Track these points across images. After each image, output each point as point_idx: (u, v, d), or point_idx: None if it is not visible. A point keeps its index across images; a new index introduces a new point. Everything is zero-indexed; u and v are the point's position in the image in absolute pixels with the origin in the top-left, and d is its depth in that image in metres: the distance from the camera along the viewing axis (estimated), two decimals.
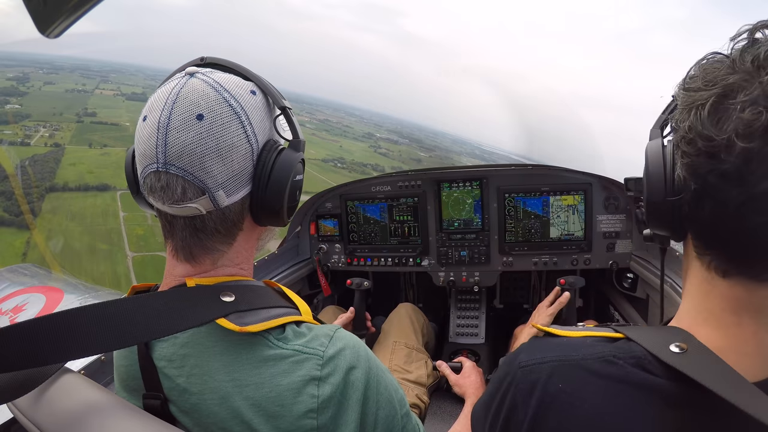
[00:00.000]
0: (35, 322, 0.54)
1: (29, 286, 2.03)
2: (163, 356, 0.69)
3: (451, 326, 2.31)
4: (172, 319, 0.62)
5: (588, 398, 0.56)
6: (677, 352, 0.54)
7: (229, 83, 0.70)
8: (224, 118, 0.67)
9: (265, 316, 0.68)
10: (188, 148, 0.65)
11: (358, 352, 0.71)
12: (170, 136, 0.65)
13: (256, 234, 0.78)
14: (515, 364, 0.65)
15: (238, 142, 0.68)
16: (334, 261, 2.34)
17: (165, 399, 0.69)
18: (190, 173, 0.65)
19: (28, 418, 0.68)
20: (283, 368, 0.66)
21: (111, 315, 0.58)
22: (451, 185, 2.13)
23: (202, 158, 0.65)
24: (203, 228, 0.70)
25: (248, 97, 0.71)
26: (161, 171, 0.65)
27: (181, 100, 0.66)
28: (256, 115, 0.71)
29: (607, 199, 1.99)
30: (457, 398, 1.59)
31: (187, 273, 0.72)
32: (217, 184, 0.67)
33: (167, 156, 0.65)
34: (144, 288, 0.79)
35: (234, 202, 0.70)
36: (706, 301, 0.57)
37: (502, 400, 0.65)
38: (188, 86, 0.67)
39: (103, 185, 23.63)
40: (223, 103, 0.67)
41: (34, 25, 0.82)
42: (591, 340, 0.63)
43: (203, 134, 0.65)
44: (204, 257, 0.72)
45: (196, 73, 0.69)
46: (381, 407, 0.72)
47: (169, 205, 0.67)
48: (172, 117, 0.65)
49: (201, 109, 0.66)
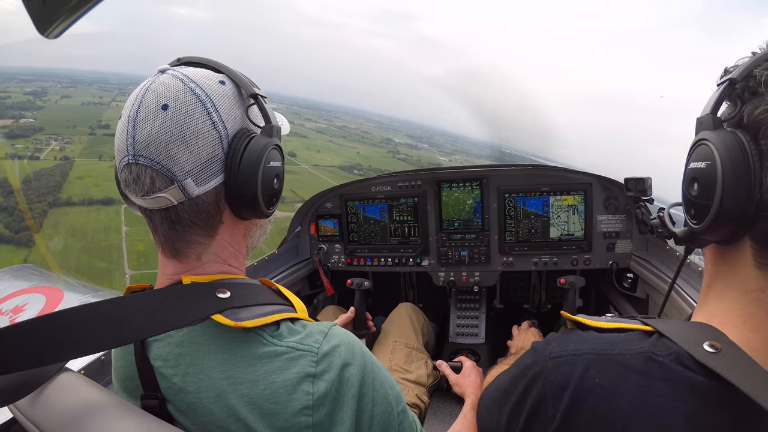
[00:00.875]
0: (32, 323, 0.54)
1: (29, 286, 2.03)
2: (158, 356, 0.69)
3: (451, 326, 2.31)
4: (169, 316, 0.62)
5: (626, 395, 0.55)
6: (711, 352, 0.53)
7: (197, 75, 0.71)
8: (188, 106, 0.67)
9: (260, 313, 0.69)
10: (154, 137, 0.65)
11: (352, 349, 0.71)
12: (138, 128, 0.66)
13: (241, 229, 0.78)
14: (545, 354, 0.63)
15: (203, 128, 0.67)
16: (334, 261, 2.34)
17: (162, 399, 0.69)
18: (156, 162, 0.66)
19: (27, 418, 0.68)
20: (278, 365, 0.66)
21: (108, 314, 0.58)
22: (451, 185, 2.13)
23: (168, 146, 0.65)
24: (178, 220, 0.70)
25: (215, 87, 0.71)
26: (131, 163, 0.66)
27: (149, 93, 0.67)
28: (223, 103, 0.71)
29: (607, 199, 1.99)
30: (457, 398, 1.59)
31: (176, 270, 0.72)
32: (184, 172, 0.66)
33: (136, 147, 0.66)
34: (138, 289, 0.79)
35: (206, 192, 0.69)
36: (753, 306, 0.56)
37: (526, 390, 0.63)
38: (157, 81, 0.69)
39: (108, 199, 23.41)
40: (188, 92, 0.68)
41: (34, 26, 0.82)
42: (625, 335, 0.61)
43: (167, 123, 0.66)
44: (187, 251, 0.72)
45: (167, 70, 0.71)
46: (377, 404, 0.72)
47: (141, 197, 0.68)
48: (140, 110, 0.66)
49: (166, 99, 0.67)
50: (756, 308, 0.55)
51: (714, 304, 0.61)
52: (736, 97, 0.57)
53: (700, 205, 0.57)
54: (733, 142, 0.54)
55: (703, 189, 0.57)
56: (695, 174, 0.59)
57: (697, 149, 0.59)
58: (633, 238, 1.99)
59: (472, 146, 54.83)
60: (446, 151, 52.54)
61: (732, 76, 0.57)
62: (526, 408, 0.62)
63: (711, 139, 0.57)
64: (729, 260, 0.59)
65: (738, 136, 0.54)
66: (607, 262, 2.02)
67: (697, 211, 0.58)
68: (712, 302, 0.61)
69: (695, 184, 0.59)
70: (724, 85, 0.58)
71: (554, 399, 0.59)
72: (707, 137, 0.57)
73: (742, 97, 0.56)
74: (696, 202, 0.58)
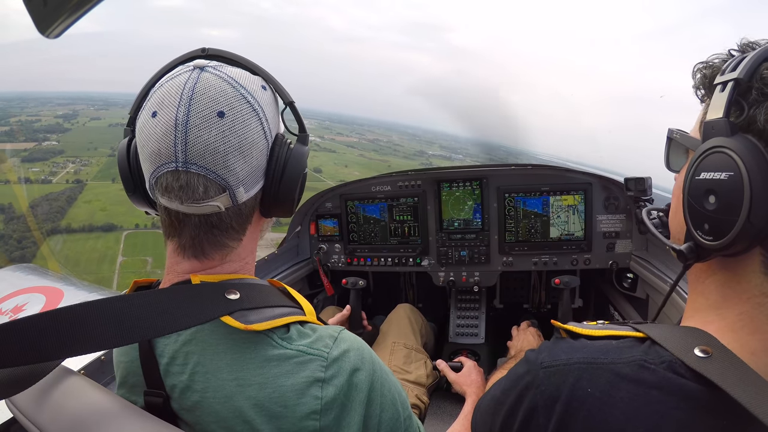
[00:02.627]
0: (38, 318, 0.54)
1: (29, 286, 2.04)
2: (165, 353, 0.69)
3: (451, 326, 2.31)
4: (177, 316, 0.61)
5: (619, 404, 0.54)
6: (702, 357, 0.52)
7: (243, 78, 0.69)
8: (245, 115, 0.66)
9: (270, 315, 0.68)
10: (211, 147, 0.63)
11: (362, 354, 0.70)
12: (191, 134, 0.63)
13: (260, 226, 0.79)
14: (537, 364, 0.62)
15: (257, 138, 0.68)
16: (334, 261, 2.34)
17: (167, 396, 0.69)
18: (212, 171, 0.64)
19: (27, 418, 0.67)
20: (287, 369, 0.65)
21: (116, 311, 0.58)
22: (451, 185, 2.13)
23: (226, 156, 0.64)
24: (219, 224, 0.69)
25: (261, 93, 0.71)
26: (181, 170, 0.64)
27: (198, 96, 0.64)
28: (269, 110, 0.71)
29: (607, 199, 1.99)
30: (457, 398, 1.59)
31: (192, 269, 0.71)
32: (238, 181, 0.67)
33: (188, 155, 0.63)
34: (146, 283, 0.79)
35: (250, 198, 0.70)
36: (755, 310, 0.55)
37: (518, 400, 0.62)
38: (202, 81, 0.65)
39: (109, 225, 22.82)
40: (241, 99, 0.67)
41: (34, 26, 0.82)
42: (617, 342, 0.60)
43: (225, 132, 0.64)
44: (214, 253, 0.71)
45: (207, 67, 0.68)
46: (385, 410, 0.72)
47: (188, 204, 0.66)
48: (191, 114, 0.63)
49: (221, 106, 0.65)
50: (757, 312, 0.55)
51: (708, 310, 0.60)
52: (740, 100, 0.54)
53: (720, 220, 0.53)
54: (757, 151, 0.51)
55: (725, 203, 0.53)
56: (712, 185, 0.54)
57: (711, 157, 0.55)
58: (633, 238, 1.99)
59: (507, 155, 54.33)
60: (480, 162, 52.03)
61: (737, 76, 0.53)
62: (518, 418, 0.62)
63: (732, 147, 0.52)
64: (732, 269, 0.57)
65: (756, 144, 0.51)
66: (607, 262, 2.02)
67: (714, 227, 0.54)
68: (705, 308, 0.60)
69: (712, 196, 0.54)
70: (731, 86, 0.54)
71: (546, 409, 0.58)
72: (726, 144, 0.53)
73: (748, 99, 0.54)
74: (713, 217, 0.54)
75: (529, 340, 1.74)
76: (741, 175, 0.51)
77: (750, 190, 0.50)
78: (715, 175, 0.54)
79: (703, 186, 0.56)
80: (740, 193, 0.51)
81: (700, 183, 0.56)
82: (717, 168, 0.54)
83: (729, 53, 0.60)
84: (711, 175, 0.55)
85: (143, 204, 0.77)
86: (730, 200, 0.52)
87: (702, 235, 0.56)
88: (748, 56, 0.54)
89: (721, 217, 0.53)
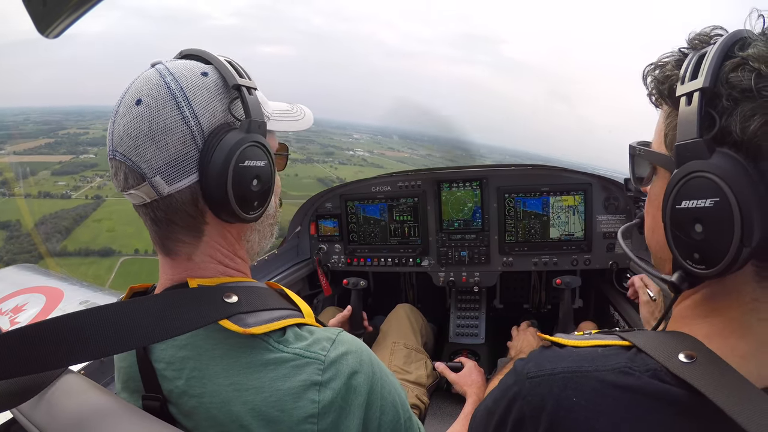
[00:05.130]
0: (35, 327, 0.54)
1: (29, 286, 2.04)
2: (161, 358, 0.69)
3: (451, 326, 2.31)
4: (175, 321, 0.61)
5: (604, 411, 0.54)
6: (686, 362, 0.52)
7: (179, 67, 0.68)
8: (159, 100, 0.65)
9: (268, 318, 0.67)
10: (126, 133, 0.65)
11: (361, 357, 0.69)
12: (116, 123, 0.66)
13: (233, 232, 0.74)
14: (523, 374, 0.61)
15: (172, 124, 0.64)
16: (334, 261, 2.34)
17: (164, 400, 0.68)
18: (128, 158, 0.65)
19: (27, 419, 0.67)
20: (284, 372, 0.64)
21: (113, 318, 0.57)
22: (451, 185, 2.13)
23: (137, 142, 0.65)
24: (155, 218, 0.69)
25: (194, 79, 0.67)
26: (111, 158, 0.67)
27: (131, 88, 0.67)
28: (200, 96, 0.67)
29: (607, 199, 1.99)
30: (457, 398, 1.59)
31: (174, 270, 0.72)
32: (152, 169, 0.65)
33: (113, 143, 0.66)
34: (141, 289, 0.79)
35: (179, 191, 0.66)
36: (746, 315, 0.54)
37: (507, 410, 0.62)
38: (142, 75, 0.68)
39: (107, 250, 21.76)
40: (162, 86, 0.66)
41: (34, 26, 0.82)
42: (602, 350, 0.60)
43: (137, 118, 0.65)
44: (176, 249, 0.71)
45: (159, 64, 0.70)
46: (385, 412, 0.71)
47: (121, 193, 0.68)
48: (120, 105, 0.67)
49: (141, 94, 0.66)
50: (748, 316, 0.54)
51: (696, 318, 0.59)
52: (709, 110, 0.50)
53: (710, 249, 0.50)
54: (739, 170, 0.48)
55: (715, 230, 0.49)
56: (697, 214, 0.51)
57: (691, 183, 0.52)
58: (633, 238, 1.99)
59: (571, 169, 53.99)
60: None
61: (702, 85, 0.50)
62: (507, 428, 0.62)
63: (713, 171, 0.49)
64: (722, 283, 0.55)
65: (735, 158, 0.48)
66: (607, 262, 2.02)
67: (705, 255, 0.51)
68: (693, 315, 0.60)
69: (698, 225, 0.51)
70: (698, 98, 0.50)
71: (533, 420, 0.58)
72: (705, 168, 0.50)
73: (717, 107, 0.50)
74: (702, 246, 0.51)
75: (529, 341, 1.74)
76: (728, 199, 0.48)
77: (740, 213, 0.47)
78: (699, 203, 0.51)
79: (687, 215, 0.52)
80: (729, 218, 0.48)
81: (683, 212, 0.53)
82: (700, 195, 0.50)
83: (680, 52, 0.58)
84: (694, 203, 0.51)
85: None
86: (720, 227, 0.49)
87: (693, 264, 0.53)
88: (707, 59, 0.51)
89: (712, 244, 0.50)
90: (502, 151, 67.16)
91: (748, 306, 0.54)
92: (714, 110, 0.50)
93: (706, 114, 0.50)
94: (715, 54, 0.51)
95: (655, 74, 0.60)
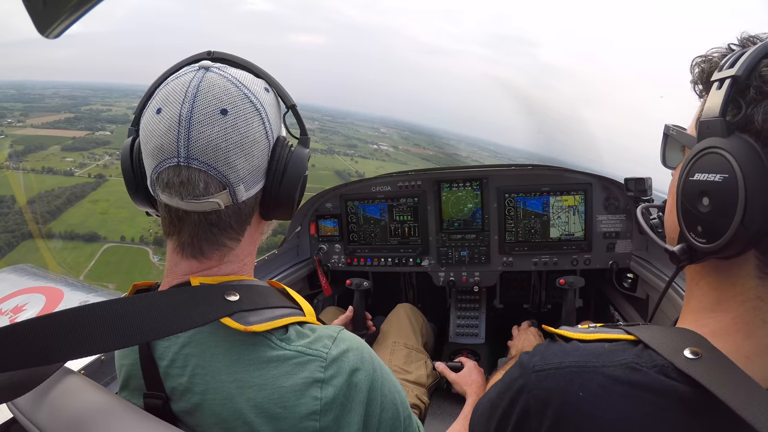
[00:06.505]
0: (38, 321, 0.54)
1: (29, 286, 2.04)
2: (164, 356, 0.69)
3: (451, 326, 2.31)
4: (177, 318, 0.61)
5: (611, 407, 0.54)
6: (691, 358, 0.52)
7: (246, 80, 0.71)
8: (247, 113, 0.68)
9: (269, 316, 0.68)
10: (213, 143, 0.65)
11: (362, 354, 0.71)
12: (194, 130, 0.64)
13: (260, 229, 0.79)
14: (529, 367, 0.61)
15: (259, 137, 0.69)
16: (334, 261, 2.34)
17: (166, 398, 0.69)
18: (213, 168, 0.65)
19: (27, 418, 0.68)
20: (286, 370, 0.65)
21: (115, 314, 0.58)
22: (451, 185, 2.13)
23: (227, 153, 0.65)
24: (218, 223, 0.70)
25: (263, 94, 0.72)
26: (182, 165, 0.65)
27: (203, 93, 0.66)
28: (271, 111, 0.72)
29: (607, 199, 1.99)
30: (457, 398, 1.59)
31: (191, 270, 0.72)
32: (238, 178, 0.67)
33: (190, 150, 0.64)
34: (145, 286, 0.79)
35: (250, 197, 0.71)
36: (750, 314, 0.54)
37: (512, 403, 0.62)
38: (207, 80, 0.67)
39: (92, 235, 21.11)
40: (244, 98, 0.68)
41: (34, 26, 0.82)
42: (609, 345, 0.60)
43: (228, 129, 0.65)
44: (212, 253, 0.72)
45: (211, 68, 0.69)
46: (385, 409, 0.72)
47: (188, 201, 0.66)
48: (194, 111, 0.64)
49: (224, 104, 0.66)
50: (752, 316, 0.54)
51: (703, 312, 0.59)
52: (737, 98, 0.53)
53: (713, 223, 0.52)
54: (753, 153, 0.49)
55: (719, 205, 0.51)
56: (706, 187, 0.53)
57: (705, 158, 0.54)
58: (633, 238, 1.99)
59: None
60: None
61: (735, 73, 0.52)
62: (512, 421, 0.62)
63: (727, 149, 0.51)
64: (726, 271, 0.56)
65: (752, 144, 0.50)
66: (607, 262, 2.02)
67: (708, 229, 0.53)
68: (700, 309, 0.60)
69: (705, 198, 0.53)
70: (729, 84, 0.52)
71: (538, 413, 0.58)
72: (721, 145, 0.52)
73: (746, 97, 0.52)
74: (706, 219, 0.53)
75: (529, 340, 1.74)
76: (736, 177, 0.49)
77: (745, 193, 0.49)
78: (709, 177, 0.53)
79: (697, 187, 0.55)
80: (734, 196, 0.49)
81: (694, 184, 0.55)
82: (711, 169, 0.53)
83: (729, 47, 0.59)
84: (705, 176, 0.53)
85: (144, 204, 0.77)
86: (724, 203, 0.51)
87: (695, 237, 0.55)
88: (747, 52, 0.53)
89: (715, 219, 0.52)
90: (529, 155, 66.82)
91: (752, 304, 0.54)
92: (742, 98, 0.52)
93: (734, 100, 0.53)
94: (757, 50, 0.53)
95: (702, 65, 0.61)
